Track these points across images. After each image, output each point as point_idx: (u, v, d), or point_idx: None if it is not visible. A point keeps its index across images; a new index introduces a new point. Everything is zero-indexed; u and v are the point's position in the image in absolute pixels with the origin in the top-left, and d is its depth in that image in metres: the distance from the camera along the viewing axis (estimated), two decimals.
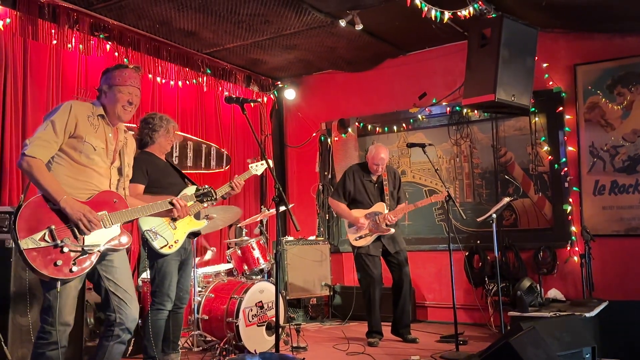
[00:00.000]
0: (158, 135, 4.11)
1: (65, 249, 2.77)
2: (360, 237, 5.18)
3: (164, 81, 6.14)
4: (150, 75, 5.97)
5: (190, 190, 4.10)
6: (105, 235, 2.94)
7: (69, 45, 5.15)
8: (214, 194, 3.42)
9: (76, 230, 2.82)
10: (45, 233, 2.74)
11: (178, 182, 4.11)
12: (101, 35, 5.40)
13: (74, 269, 2.80)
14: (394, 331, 5.25)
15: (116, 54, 5.57)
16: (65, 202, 2.79)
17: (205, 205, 3.47)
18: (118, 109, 3.07)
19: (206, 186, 3.48)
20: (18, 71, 4.84)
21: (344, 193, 5.31)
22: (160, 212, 3.21)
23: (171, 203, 3.20)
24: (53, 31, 5.04)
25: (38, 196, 2.82)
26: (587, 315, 4.75)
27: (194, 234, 4.15)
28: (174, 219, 3.92)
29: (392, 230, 5.18)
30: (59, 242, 2.76)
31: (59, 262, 2.75)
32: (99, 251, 2.91)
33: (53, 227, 2.76)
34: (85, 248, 2.84)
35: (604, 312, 5.18)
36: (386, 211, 5.18)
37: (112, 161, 3.08)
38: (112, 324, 3.00)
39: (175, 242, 3.91)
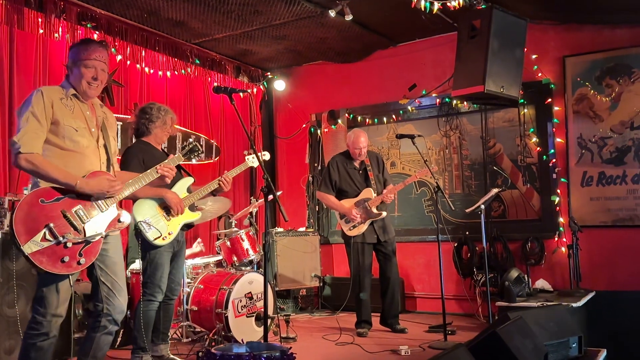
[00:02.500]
0: (154, 126, 4.08)
1: (69, 244, 2.75)
2: (354, 227, 5.17)
3: (152, 71, 6.09)
4: (138, 66, 5.92)
5: (187, 181, 4.09)
6: (104, 220, 2.92)
7: (56, 35, 5.09)
8: (199, 146, 3.39)
9: (75, 222, 2.79)
10: (45, 232, 2.70)
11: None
12: (88, 25, 5.34)
13: (82, 261, 2.80)
14: (382, 322, 5.27)
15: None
16: (80, 186, 2.79)
17: (194, 161, 3.43)
18: (83, 85, 2.98)
19: (190, 140, 3.44)
20: (4, 61, 4.78)
21: (332, 184, 5.29)
22: (152, 181, 3.20)
23: (158, 171, 3.18)
24: (40, 20, 4.97)
25: (28, 195, 2.77)
26: (574, 305, 4.81)
27: (187, 226, 4.13)
28: (169, 211, 3.90)
29: (384, 214, 5.17)
30: (60, 238, 2.73)
31: (66, 258, 2.74)
32: (102, 237, 2.89)
33: (51, 224, 2.72)
34: (88, 238, 2.82)
35: (590, 302, 5.25)
36: (374, 195, 5.17)
37: (96, 139, 3.02)
38: (99, 315, 2.99)
39: (169, 233, 3.89)
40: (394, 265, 5.24)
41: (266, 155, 4.38)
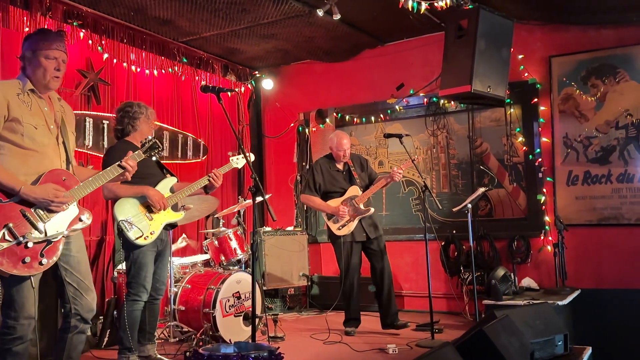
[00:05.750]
0: (140, 122, 4.06)
1: (30, 244, 2.66)
2: (343, 226, 5.15)
3: (139, 70, 6.05)
4: (125, 64, 5.89)
5: (170, 181, 4.07)
6: (65, 219, 2.82)
7: None
8: (159, 144, 3.22)
9: (35, 222, 2.70)
10: (4, 232, 2.60)
11: (157, 173, 4.07)
12: (75, 23, 5.30)
13: (44, 261, 2.71)
14: (383, 323, 5.18)
15: (90, 41, 5.47)
16: (25, 192, 2.67)
17: (154, 158, 3.30)
18: (46, 78, 2.86)
19: (149, 137, 3.27)
20: None
21: (315, 187, 5.26)
22: (114, 177, 3.01)
23: (120, 166, 3.00)
24: (25, 18, 4.93)
25: None
26: (560, 303, 4.85)
27: (171, 226, 4.11)
28: (151, 211, 3.88)
29: (372, 210, 5.15)
30: (21, 239, 2.63)
31: (27, 259, 2.65)
32: (63, 237, 2.81)
33: (11, 224, 2.62)
34: (49, 238, 2.73)
35: (576, 300, 5.29)
36: (360, 193, 5.17)
37: (56, 136, 2.91)
38: (67, 315, 2.93)
39: (151, 233, 3.86)
40: (386, 262, 5.20)
41: (251, 157, 4.36)
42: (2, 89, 2.78)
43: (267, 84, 7.53)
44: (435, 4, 5.06)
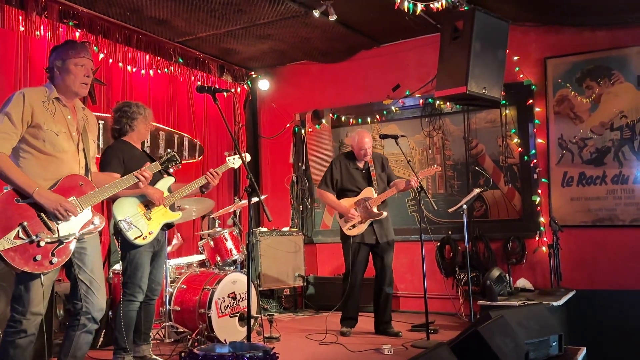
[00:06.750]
0: (137, 123, 4.07)
1: (42, 243, 2.76)
2: (353, 226, 5.12)
3: (134, 70, 6.04)
4: (120, 64, 5.88)
5: (168, 181, 4.07)
6: (78, 222, 2.92)
7: (37, 33, 5.04)
8: (177, 157, 3.42)
9: (48, 222, 2.80)
10: (18, 230, 2.71)
11: (154, 173, 4.06)
12: (70, 23, 5.30)
13: (54, 260, 2.80)
14: (376, 330, 5.18)
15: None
16: (38, 195, 2.77)
17: (172, 170, 3.44)
18: (76, 85, 3.00)
19: (168, 150, 3.46)
20: None
21: (332, 183, 5.22)
22: (129, 186, 3.20)
23: (135, 177, 3.19)
24: (20, 18, 4.92)
25: (4, 193, 2.78)
26: (555, 304, 4.87)
27: (168, 226, 4.11)
28: (149, 209, 3.88)
29: (385, 214, 5.10)
30: (34, 237, 2.73)
31: (38, 257, 2.75)
32: (75, 238, 2.90)
33: (25, 223, 2.73)
34: (61, 238, 2.83)
35: (571, 301, 5.32)
36: (375, 195, 5.10)
37: (77, 143, 3.02)
38: (78, 313, 2.99)
39: (149, 233, 3.86)
40: (388, 269, 5.14)
41: (246, 157, 4.35)
42: (29, 95, 2.89)
43: (263, 84, 7.54)
44: (431, 5, 5.07)
